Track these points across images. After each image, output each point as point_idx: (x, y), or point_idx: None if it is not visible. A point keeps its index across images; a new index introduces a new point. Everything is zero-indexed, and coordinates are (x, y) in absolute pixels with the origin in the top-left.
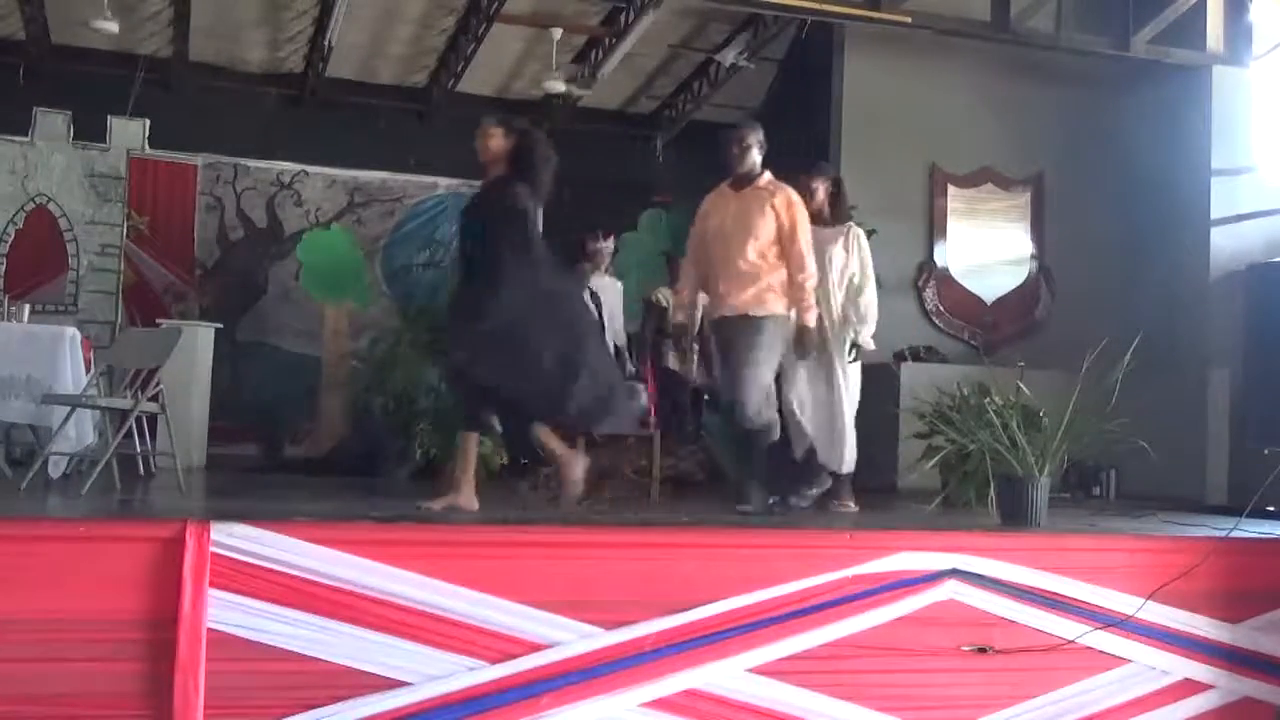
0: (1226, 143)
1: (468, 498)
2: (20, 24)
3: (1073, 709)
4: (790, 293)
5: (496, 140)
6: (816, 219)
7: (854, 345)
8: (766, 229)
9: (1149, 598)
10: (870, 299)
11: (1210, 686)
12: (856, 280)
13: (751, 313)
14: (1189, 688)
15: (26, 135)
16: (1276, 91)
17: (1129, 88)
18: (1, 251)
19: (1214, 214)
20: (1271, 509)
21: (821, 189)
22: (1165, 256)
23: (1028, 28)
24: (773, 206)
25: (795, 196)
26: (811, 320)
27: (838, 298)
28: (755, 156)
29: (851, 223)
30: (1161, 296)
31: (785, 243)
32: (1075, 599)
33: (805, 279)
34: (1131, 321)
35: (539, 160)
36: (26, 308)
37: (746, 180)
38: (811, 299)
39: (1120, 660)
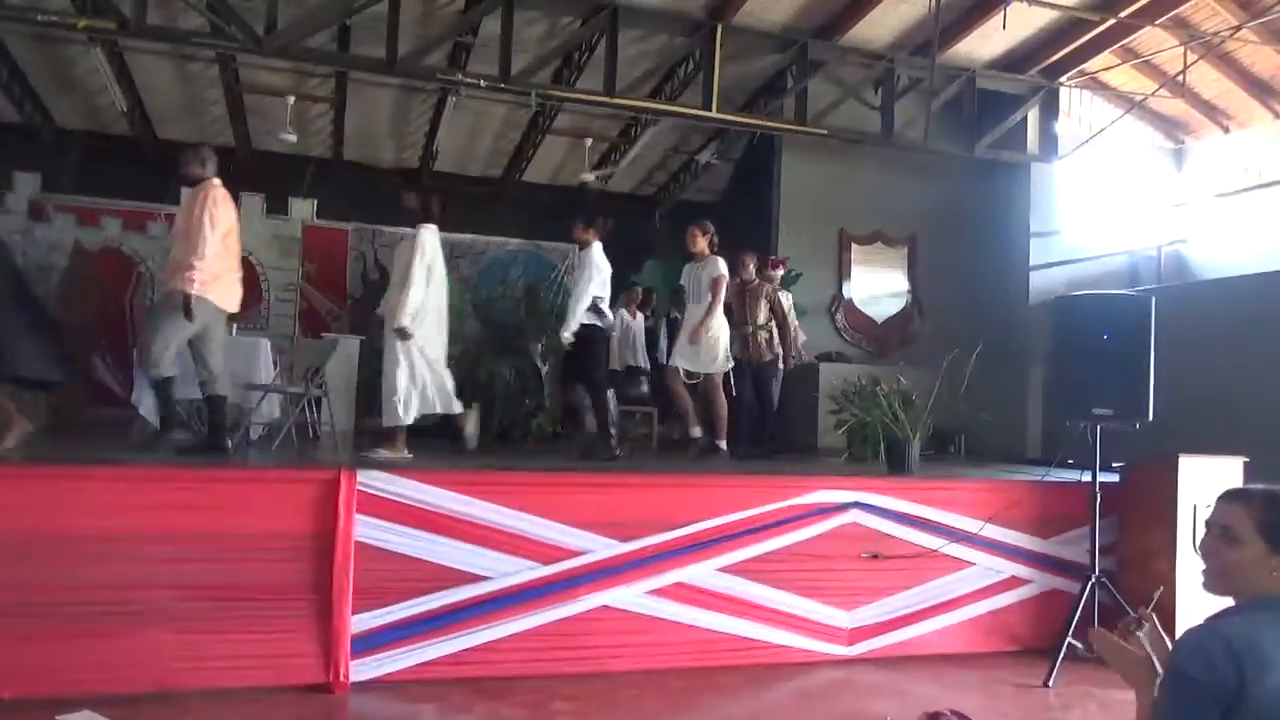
0: (1041, 214)
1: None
2: (232, 136)
3: (937, 595)
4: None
5: None
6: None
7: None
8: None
9: (987, 521)
10: (402, 292)
11: (1029, 581)
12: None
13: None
14: (1015, 582)
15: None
16: (1072, 180)
17: (975, 176)
18: None
19: (1032, 261)
20: (1071, 462)
21: (409, 199)
22: (999, 291)
23: (906, 137)
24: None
25: (214, 194)
26: (188, 289)
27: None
28: (195, 170)
29: (425, 226)
30: (996, 318)
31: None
32: (938, 522)
33: (191, 259)
34: (976, 335)
35: None
36: (234, 326)
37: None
38: (190, 273)
39: (968, 564)
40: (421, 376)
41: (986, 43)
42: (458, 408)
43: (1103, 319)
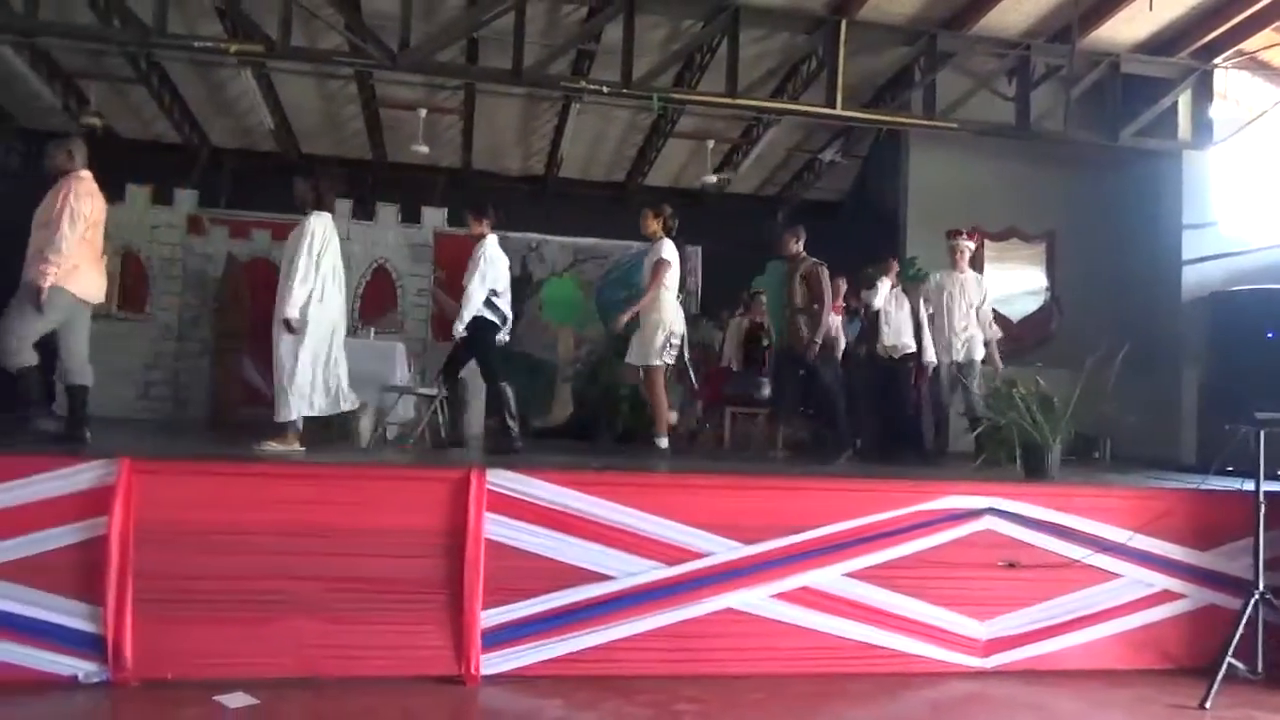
0: (1194, 205)
1: None
2: (369, 150)
3: (1080, 608)
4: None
5: None
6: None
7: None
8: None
9: (1137, 531)
10: (288, 282)
11: (1184, 596)
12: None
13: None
14: (1167, 596)
15: (373, 220)
16: (1229, 168)
17: (1119, 166)
18: (359, 294)
19: (1185, 256)
20: (1231, 469)
21: (298, 185)
22: (1148, 287)
23: (1042, 127)
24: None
25: (76, 187)
26: (42, 282)
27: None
28: (60, 162)
29: (316, 213)
30: (1144, 316)
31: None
32: (1080, 530)
33: (48, 253)
34: (1121, 334)
35: None
36: (371, 330)
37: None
38: (45, 266)
39: (1114, 575)
40: (320, 371)
41: (1131, 25)
42: (350, 405)
43: (1266, 315)
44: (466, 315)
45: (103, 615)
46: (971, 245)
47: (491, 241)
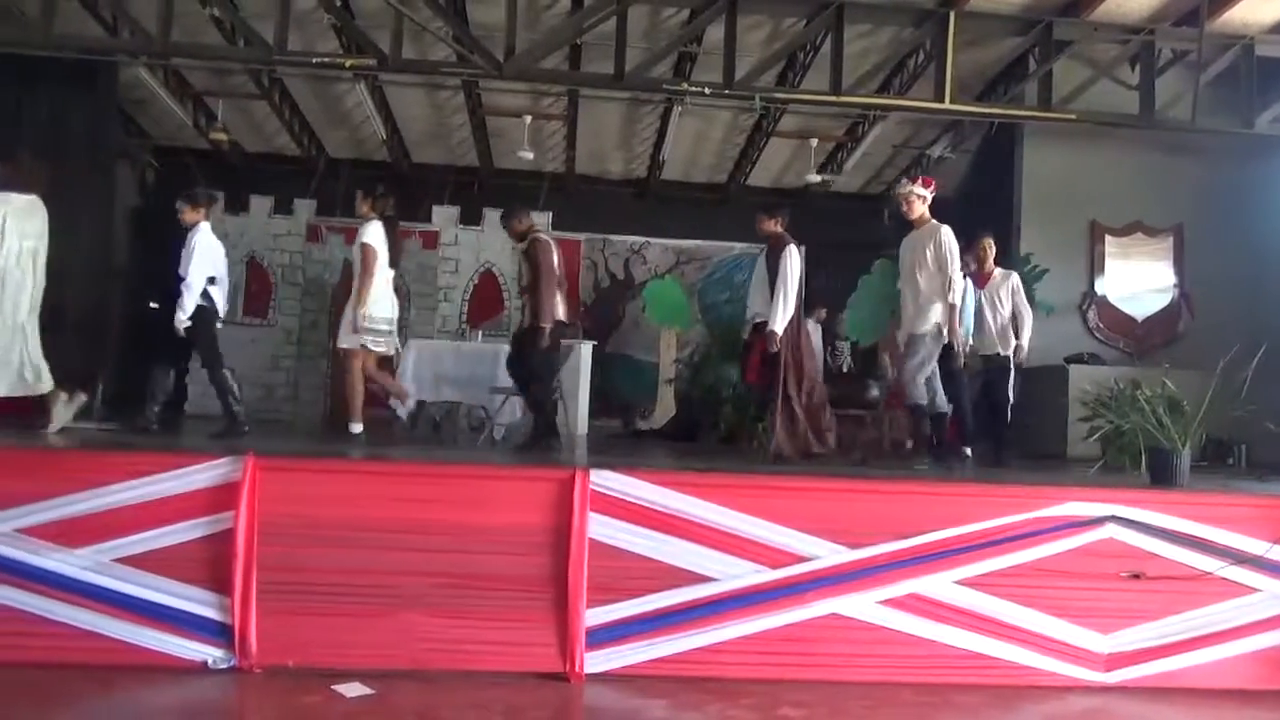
0: None
1: None
2: (476, 157)
3: (1213, 623)
4: None
5: None
6: None
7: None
8: None
9: (1277, 542)
10: None
11: None
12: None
13: None
14: None
15: (479, 225)
16: None
17: (1254, 154)
18: (466, 298)
19: None
20: None
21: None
22: None
23: (1169, 116)
24: None
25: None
26: None
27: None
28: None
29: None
30: None
31: None
32: (1213, 541)
33: None
34: (1260, 333)
35: None
36: (479, 333)
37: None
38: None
39: (1251, 589)
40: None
41: (1266, 4)
42: (45, 387)
43: None
44: (190, 304)
45: (229, 605)
46: (920, 190)
47: (205, 228)
